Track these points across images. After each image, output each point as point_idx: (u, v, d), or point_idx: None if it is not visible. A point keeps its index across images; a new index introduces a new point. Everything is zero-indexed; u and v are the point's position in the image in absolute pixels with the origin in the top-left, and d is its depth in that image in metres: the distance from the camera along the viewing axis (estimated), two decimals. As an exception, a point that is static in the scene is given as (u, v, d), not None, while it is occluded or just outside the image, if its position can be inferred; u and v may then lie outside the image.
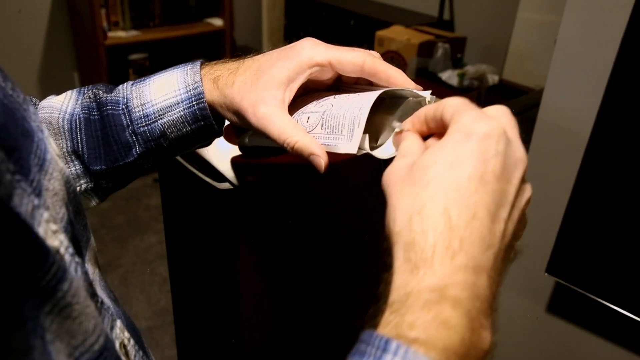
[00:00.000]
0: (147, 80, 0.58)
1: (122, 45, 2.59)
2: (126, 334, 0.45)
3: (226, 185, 0.69)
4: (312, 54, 0.53)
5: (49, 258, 0.30)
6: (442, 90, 1.01)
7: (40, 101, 0.61)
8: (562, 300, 1.14)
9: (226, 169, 0.73)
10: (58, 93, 0.62)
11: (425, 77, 2.13)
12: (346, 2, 2.88)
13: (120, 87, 0.59)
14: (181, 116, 0.56)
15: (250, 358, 0.84)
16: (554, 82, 1.01)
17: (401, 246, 0.36)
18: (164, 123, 0.56)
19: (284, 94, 0.53)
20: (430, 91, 0.50)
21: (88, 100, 0.58)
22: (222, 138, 0.62)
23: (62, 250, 0.36)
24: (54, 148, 0.42)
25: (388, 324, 0.33)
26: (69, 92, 0.61)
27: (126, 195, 2.76)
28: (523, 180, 0.40)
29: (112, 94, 0.58)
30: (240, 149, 0.75)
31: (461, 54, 2.28)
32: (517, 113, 0.45)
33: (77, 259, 0.38)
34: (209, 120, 0.56)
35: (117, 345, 0.43)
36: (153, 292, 2.20)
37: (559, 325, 1.17)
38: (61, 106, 0.58)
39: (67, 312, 0.31)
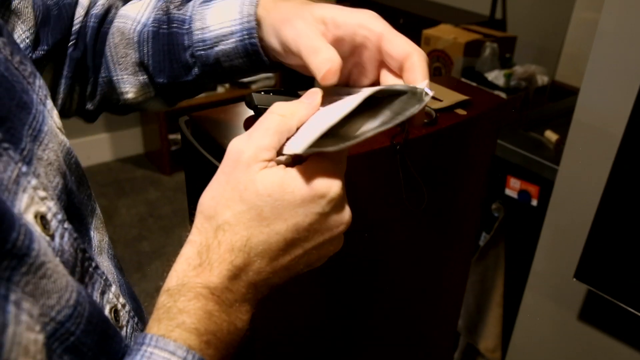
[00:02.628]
0: (212, 2, 0.58)
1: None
2: (121, 300, 0.47)
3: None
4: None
5: (17, 220, 0.32)
6: (482, 93, 1.00)
7: (122, 5, 0.64)
8: (594, 308, 1.10)
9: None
10: None
11: (472, 77, 2.09)
12: (397, 1, 2.87)
13: (191, 3, 0.60)
14: (233, 47, 0.56)
15: (263, 352, 0.86)
16: (589, 84, 0.98)
17: (199, 243, 0.42)
18: (219, 51, 0.57)
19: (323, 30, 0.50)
20: (426, 81, 0.45)
21: (161, 12, 0.60)
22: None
23: (49, 215, 0.38)
24: (55, 121, 0.44)
25: (162, 307, 0.40)
26: None
27: (174, 186, 2.85)
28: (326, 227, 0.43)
29: (181, 11, 0.59)
30: (247, 105, 0.77)
31: (510, 54, 2.23)
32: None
33: (66, 224, 0.40)
34: (259, 56, 0.56)
35: (107, 309, 0.45)
36: (194, 281, 2.26)
37: (591, 333, 1.13)
38: (136, 16, 0.61)
39: (43, 271, 0.33)
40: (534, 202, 1.34)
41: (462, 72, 2.14)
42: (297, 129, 0.44)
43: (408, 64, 0.46)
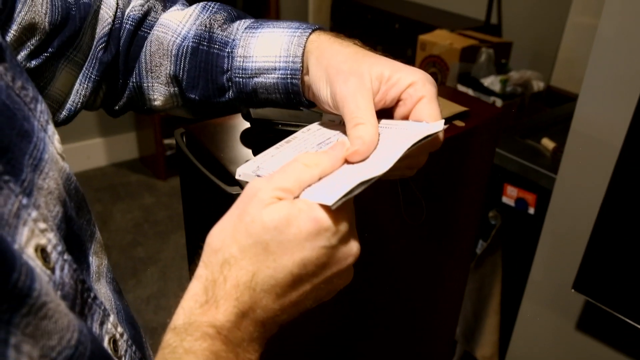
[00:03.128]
0: (260, 30, 0.58)
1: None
2: (119, 329, 0.46)
3: (237, 190, 0.70)
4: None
5: (18, 259, 0.31)
6: (479, 104, 0.99)
7: (163, 11, 0.63)
8: (592, 318, 1.10)
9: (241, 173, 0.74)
10: None
11: (467, 83, 2.09)
12: (392, 6, 2.87)
13: (235, 25, 0.60)
14: (274, 83, 0.56)
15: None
16: (587, 93, 0.98)
17: (205, 278, 0.41)
18: (258, 82, 0.57)
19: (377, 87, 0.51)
20: (443, 121, 0.49)
21: (203, 28, 0.60)
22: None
23: (49, 248, 0.37)
24: (56, 147, 0.43)
25: (168, 346, 0.39)
26: (192, 8, 0.62)
27: (169, 191, 2.83)
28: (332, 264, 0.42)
29: (225, 33, 0.59)
30: (244, 117, 0.76)
31: (506, 60, 2.23)
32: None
33: (66, 256, 0.39)
34: (298, 96, 0.56)
35: (106, 340, 0.44)
36: (190, 288, 2.25)
37: (588, 343, 1.13)
38: (177, 27, 0.61)
39: (44, 311, 0.32)
40: (531, 210, 1.34)
41: (458, 77, 2.14)
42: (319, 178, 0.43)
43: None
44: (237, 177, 0.51)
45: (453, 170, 0.91)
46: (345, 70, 0.50)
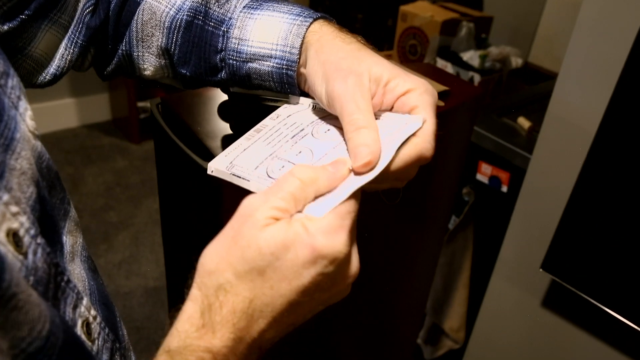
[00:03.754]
0: (258, 11, 0.55)
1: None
2: (92, 312, 0.45)
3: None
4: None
5: (3, 261, 0.30)
6: (460, 83, 0.99)
7: None
8: (557, 297, 1.13)
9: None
10: None
11: (447, 57, 2.09)
12: (375, -27, 2.82)
13: (234, 1, 0.57)
14: (268, 72, 0.54)
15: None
16: (566, 76, 0.98)
17: (201, 301, 0.39)
18: (252, 67, 0.55)
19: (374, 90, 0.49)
20: (421, 116, 0.46)
21: (200, 1, 0.57)
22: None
23: (21, 232, 0.36)
24: (28, 124, 0.41)
25: None
26: None
27: (142, 155, 2.79)
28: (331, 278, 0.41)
29: (222, 10, 0.57)
30: (222, 89, 0.75)
31: (486, 35, 2.22)
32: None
33: (39, 239, 0.38)
34: (292, 87, 0.54)
35: (79, 323, 0.43)
36: (162, 254, 2.24)
37: (553, 321, 1.16)
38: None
39: (14, 303, 0.31)
40: (504, 189, 1.36)
41: (438, 51, 2.13)
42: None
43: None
44: (209, 172, 0.49)
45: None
46: (344, 68, 0.47)
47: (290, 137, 0.51)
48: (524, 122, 1.40)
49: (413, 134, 0.45)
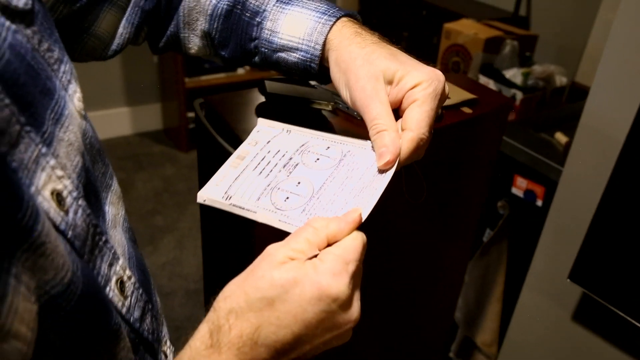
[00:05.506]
0: (289, 7, 0.62)
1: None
2: (127, 273, 0.51)
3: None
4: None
5: (26, 202, 0.35)
6: (489, 93, 1.01)
7: None
8: (587, 310, 1.13)
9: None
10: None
11: (489, 74, 2.10)
12: (422, -8, 2.86)
13: None
14: (294, 62, 0.61)
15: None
16: (598, 87, 0.99)
17: (212, 322, 0.44)
18: (281, 57, 0.62)
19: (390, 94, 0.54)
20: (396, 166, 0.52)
21: None
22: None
23: (64, 193, 0.42)
24: (75, 104, 0.48)
25: None
26: None
27: (190, 163, 2.90)
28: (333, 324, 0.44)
29: (257, 2, 0.63)
30: (260, 91, 0.80)
31: (531, 53, 2.22)
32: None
33: (80, 202, 0.44)
34: (315, 77, 0.61)
35: (113, 280, 0.49)
36: (204, 258, 2.32)
37: (583, 334, 1.16)
38: None
39: (42, 250, 0.36)
40: (539, 203, 1.36)
41: (481, 68, 2.14)
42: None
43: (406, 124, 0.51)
44: (199, 201, 0.54)
45: (458, 155, 0.94)
46: (362, 77, 0.53)
47: (282, 167, 0.56)
48: (561, 137, 1.41)
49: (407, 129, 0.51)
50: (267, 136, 0.60)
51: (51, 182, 0.40)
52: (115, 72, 2.90)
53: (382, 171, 0.52)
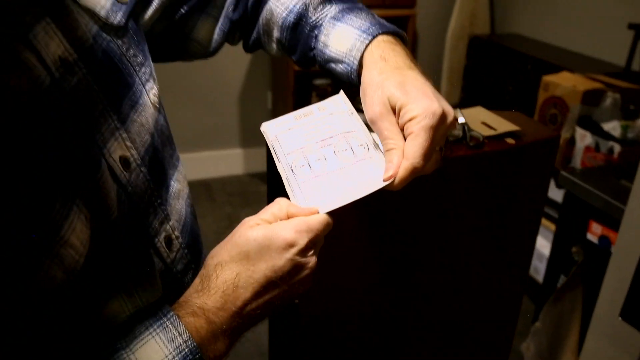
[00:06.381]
0: (339, 23, 0.71)
1: (308, 72, 2.92)
2: (175, 233, 0.64)
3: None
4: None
5: (92, 157, 0.50)
6: (538, 127, 1.05)
7: None
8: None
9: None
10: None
11: (587, 126, 2.06)
12: (529, 48, 2.88)
13: (326, 10, 0.74)
14: (340, 72, 0.72)
15: (309, 319, 0.98)
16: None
17: (202, 275, 0.56)
18: (331, 66, 0.73)
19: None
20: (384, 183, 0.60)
21: (303, 7, 0.75)
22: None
23: (130, 159, 0.56)
24: (150, 98, 0.63)
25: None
26: None
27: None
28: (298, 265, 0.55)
29: (316, 17, 0.74)
30: None
31: (636, 107, 2.15)
32: None
33: (143, 168, 0.58)
34: (355, 86, 0.70)
35: (162, 236, 0.62)
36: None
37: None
38: (287, 2, 0.76)
39: (98, 190, 0.50)
40: (614, 249, 1.32)
41: (578, 120, 2.11)
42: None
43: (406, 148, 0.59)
44: (262, 129, 0.67)
45: (501, 185, 0.98)
46: (375, 100, 0.62)
47: (320, 140, 0.66)
48: (642, 185, 1.37)
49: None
50: (335, 108, 0.69)
51: (120, 149, 0.55)
52: (232, 116, 3.20)
53: (375, 182, 0.60)
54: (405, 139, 0.60)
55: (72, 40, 0.52)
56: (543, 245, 1.99)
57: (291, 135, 0.66)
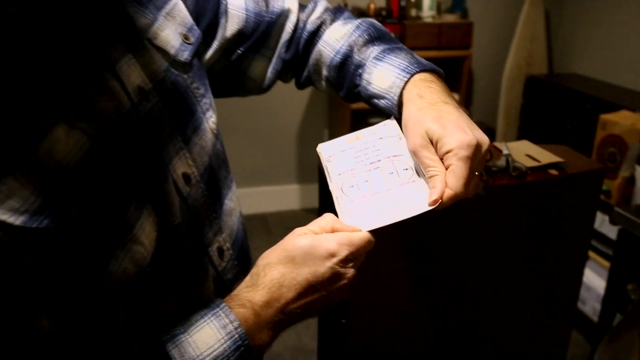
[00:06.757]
0: (381, 63, 0.77)
1: (364, 110, 3.00)
2: (227, 245, 0.72)
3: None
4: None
5: (159, 171, 0.58)
6: (584, 160, 1.07)
7: (331, 24, 0.86)
8: None
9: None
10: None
11: (646, 164, 2.02)
12: (588, 87, 2.85)
13: (369, 50, 0.79)
14: (382, 107, 0.77)
15: (357, 339, 1.01)
16: None
17: (252, 273, 0.62)
18: (374, 102, 0.78)
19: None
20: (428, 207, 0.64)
21: (349, 49, 0.81)
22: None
23: (191, 176, 0.65)
24: (209, 125, 0.71)
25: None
26: (349, 27, 0.83)
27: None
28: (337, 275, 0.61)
29: (361, 57, 0.80)
30: None
31: (700, 145, 2.09)
32: None
33: (201, 185, 0.67)
34: (396, 119, 0.76)
35: (215, 246, 0.69)
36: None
37: None
38: (334, 44, 0.82)
39: (162, 200, 0.58)
40: (671, 288, 1.29)
41: (638, 158, 2.07)
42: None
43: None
44: (318, 150, 0.73)
45: (545, 215, 1.00)
46: (415, 133, 0.66)
47: (369, 163, 0.71)
48: (700, 223, 1.33)
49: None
50: (385, 133, 0.74)
51: (183, 167, 0.64)
52: (290, 153, 3.31)
53: (418, 205, 0.64)
54: (445, 167, 0.64)
55: (148, 72, 0.61)
56: (598, 284, 1.93)
57: (343, 157, 0.72)
